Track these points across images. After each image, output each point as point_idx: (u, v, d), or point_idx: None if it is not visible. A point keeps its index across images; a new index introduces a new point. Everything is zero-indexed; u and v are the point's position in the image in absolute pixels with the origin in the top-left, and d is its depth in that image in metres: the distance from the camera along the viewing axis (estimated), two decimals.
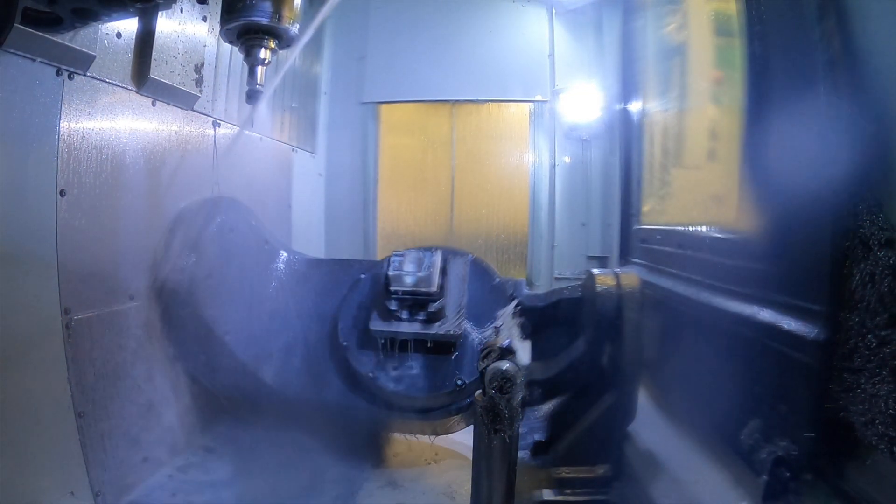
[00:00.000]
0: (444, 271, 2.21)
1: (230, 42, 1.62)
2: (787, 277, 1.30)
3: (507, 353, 1.33)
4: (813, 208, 1.18)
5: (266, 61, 1.59)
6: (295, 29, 1.56)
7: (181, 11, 2.10)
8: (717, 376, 1.69)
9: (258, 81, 1.58)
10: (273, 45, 1.57)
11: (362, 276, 2.41)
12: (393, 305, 2.17)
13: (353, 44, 4.19)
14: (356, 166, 4.27)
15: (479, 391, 1.35)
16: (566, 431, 2.19)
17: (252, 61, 1.58)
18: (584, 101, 3.94)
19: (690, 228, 2.08)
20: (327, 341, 2.35)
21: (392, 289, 2.15)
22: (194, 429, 2.35)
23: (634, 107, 3.09)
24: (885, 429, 0.95)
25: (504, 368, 1.27)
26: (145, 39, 1.96)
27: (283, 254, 2.69)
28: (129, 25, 1.88)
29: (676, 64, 2.45)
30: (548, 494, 2.07)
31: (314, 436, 2.51)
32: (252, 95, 1.59)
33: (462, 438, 2.51)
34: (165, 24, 2.03)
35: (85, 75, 1.73)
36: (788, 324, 1.26)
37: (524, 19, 4.12)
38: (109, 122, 1.87)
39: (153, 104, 2.08)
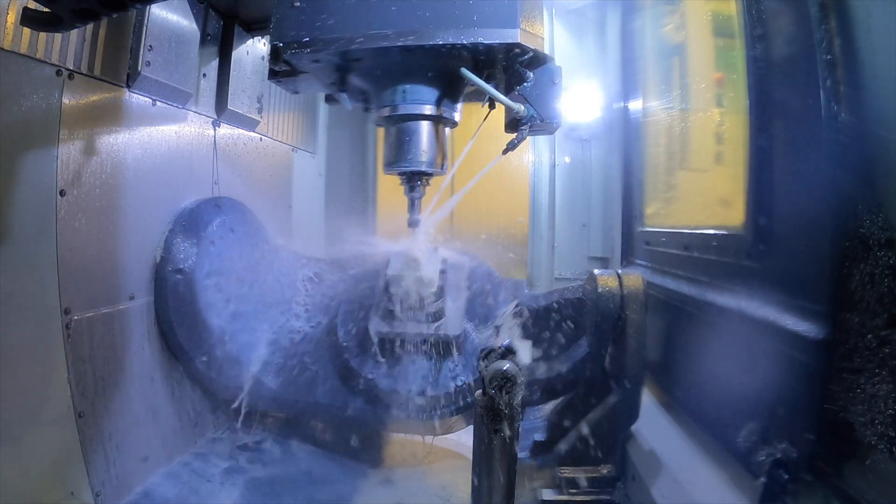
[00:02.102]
0: (443, 271, 2.20)
1: (388, 173, 1.92)
2: (788, 277, 1.30)
3: (507, 353, 1.33)
4: (813, 209, 1.18)
5: (422, 196, 1.97)
6: (446, 168, 1.95)
7: (247, 54, 2.60)
8: (719, 375, 1.69)
9: (418, 213, 1.97)
10: (429, 182, 1.96)
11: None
12: (392, 306, 2.16)
13: None
14: (356, 166, 4.26)
15: (479, 391, 1.35)
16: (567, 431, 2.19)
17: (413, 196, 1.95)
18: (584, 101, 3.93)
19: (694, 230, 2.08)
20: (326, 341, 2.35)
21: (392, 289, 2.15)
22: (194, 429, 2.35)
23: (634, 106, 3.09)
24: (885, 429, 0.95)
25: (504, 368, 1.27)
26: (223, 79, 2.48)
27: (283, 254, 2.70)
28: (211, 70, 2.44)
29: (676, 64, 2.45)
30: (548, 494, 2.07)
31: (313, 435, 2.51)
32: (413, 223, 1.96)
33: (460, 438, 2.50)
34: (237, 66, 2.52)
35: (85, 75, 1.73)
36: (789, 324, 1.26)
37: None
38: (109, 122, 1.87)
39: (153, 104, 2.08)
